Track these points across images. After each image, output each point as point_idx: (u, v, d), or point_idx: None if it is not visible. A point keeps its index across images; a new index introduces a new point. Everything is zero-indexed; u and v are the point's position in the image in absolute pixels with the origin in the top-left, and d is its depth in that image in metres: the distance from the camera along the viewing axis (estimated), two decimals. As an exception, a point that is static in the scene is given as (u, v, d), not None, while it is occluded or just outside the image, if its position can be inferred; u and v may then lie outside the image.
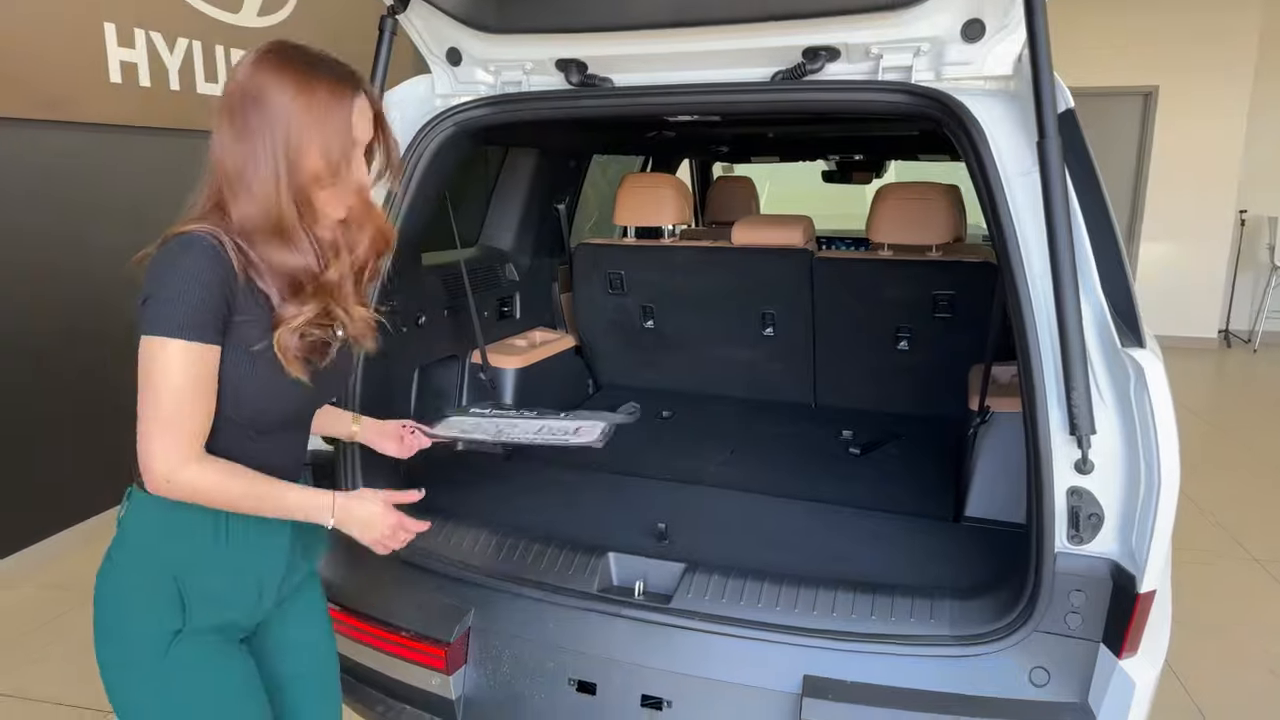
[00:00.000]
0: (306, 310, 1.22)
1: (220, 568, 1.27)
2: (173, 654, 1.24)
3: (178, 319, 1.13)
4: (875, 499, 2.20)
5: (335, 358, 1.33)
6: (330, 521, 1.29)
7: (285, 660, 1.45)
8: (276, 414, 1.28)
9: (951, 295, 2.74)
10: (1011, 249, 1.51)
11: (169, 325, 1.13)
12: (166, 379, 1.13)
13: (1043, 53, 1.41)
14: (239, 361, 1.20)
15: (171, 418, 1.14)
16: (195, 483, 1.17)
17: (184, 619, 1.24)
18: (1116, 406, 1.41)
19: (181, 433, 1.15)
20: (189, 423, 1.16)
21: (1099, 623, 1.47)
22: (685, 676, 1.64)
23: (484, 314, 2.74)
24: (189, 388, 1.15)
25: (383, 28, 1.90)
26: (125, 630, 1.25)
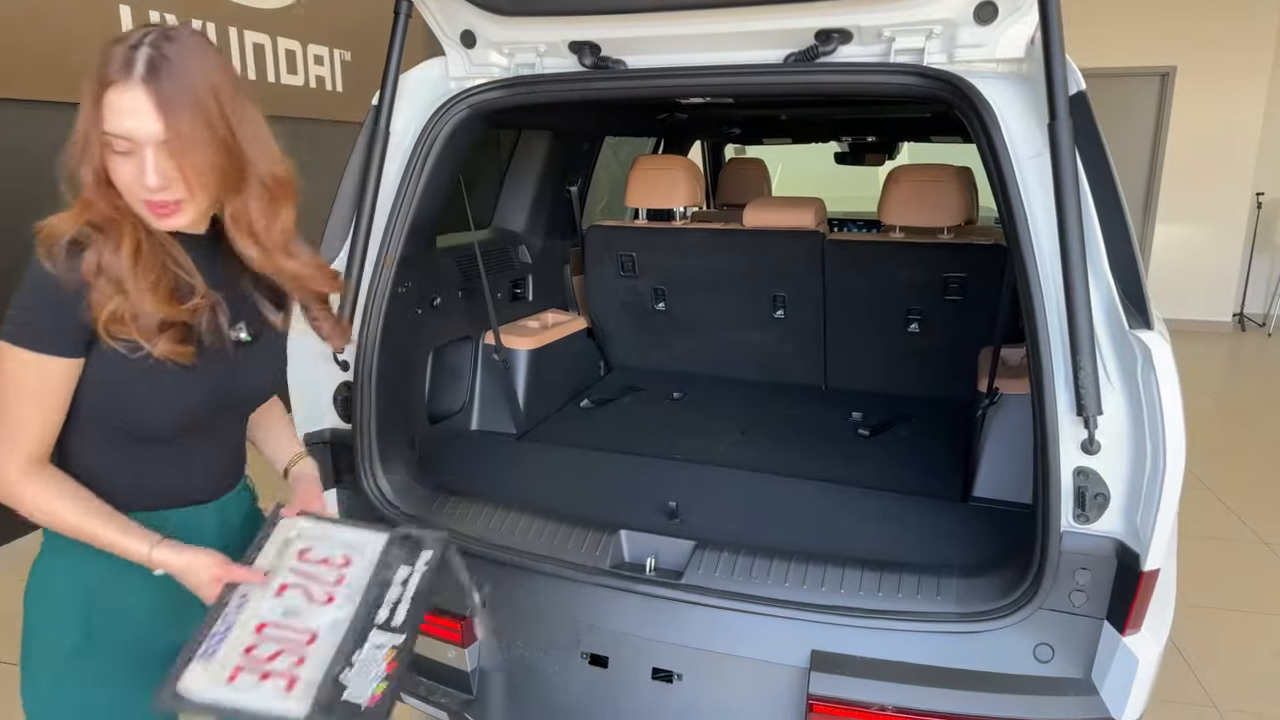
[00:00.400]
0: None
1: (148, 583, 1.19)
2: (73, 670, 1.20)
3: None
4: (884, 479, 2.23)
5: (229, 368, 1.23)
6: (150, 561, 1.16)
7: None
8: (168, 419, 1.19)
9: (962, 278, 2.74)
10: (1021, 231, 1.53)
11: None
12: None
13: (1055, 35, 1.41)
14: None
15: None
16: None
17: (85, 634, 1.20)
18: (1124, 388, 1.43)
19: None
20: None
21: (1103, 600, 1.49)
22: (695, 650, 1.67)
23: (497, 295, 2.77)
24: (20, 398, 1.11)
25: (398, 10, 1.91)
26: (35, 633, 1.23)
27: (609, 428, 2.69)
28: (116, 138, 1.06)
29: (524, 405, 2.69)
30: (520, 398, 2.69)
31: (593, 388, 3.12)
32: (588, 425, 2.74)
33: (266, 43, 4.55)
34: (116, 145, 1.07)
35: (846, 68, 1.76)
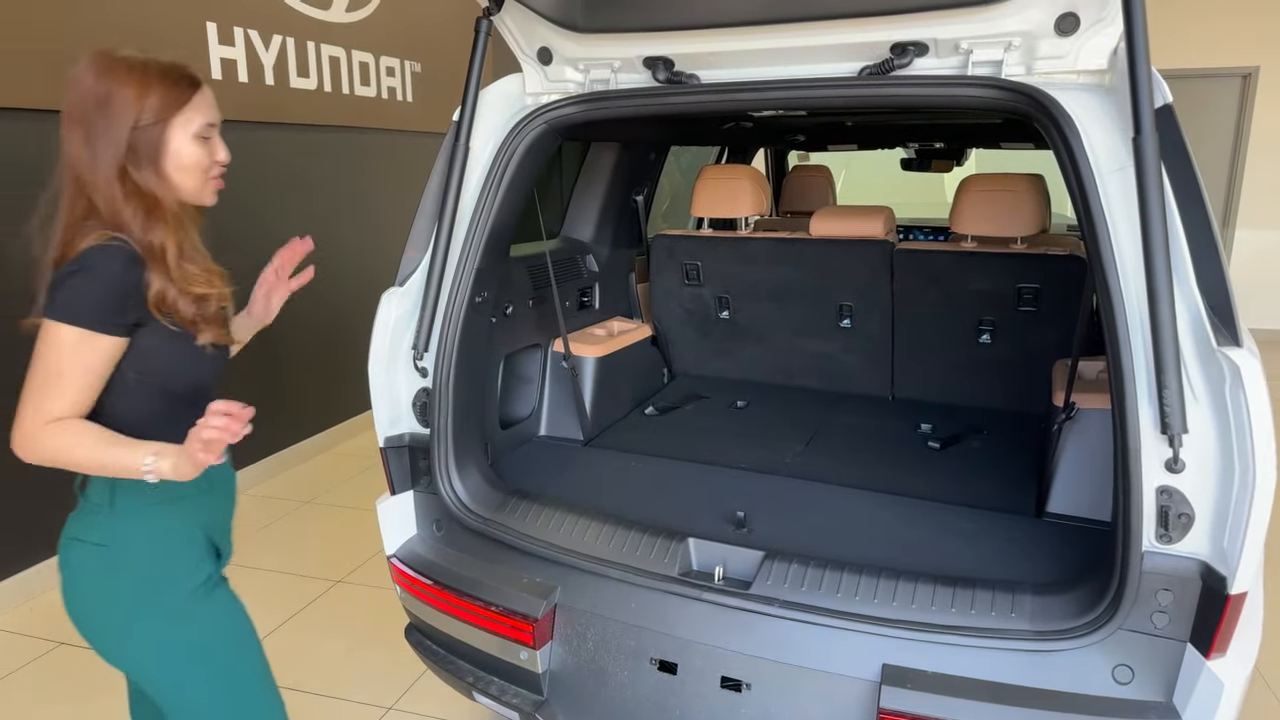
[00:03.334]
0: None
1: (212, 507, 1.50)
2: (209, 594, 1.47)
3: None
4: (955, 493, 2.20)
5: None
6: (146, 461, 1.29)
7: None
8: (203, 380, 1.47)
9: (1036, 288, 2.70)
10: (1104, 245, 1.50)
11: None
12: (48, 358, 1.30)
13: (1140, 46, 1.39)
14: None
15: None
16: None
17: (217, 563, 1.50)
18: (1211, 405, 1.40)
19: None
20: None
21: (1186, 623, 1.46)
22: (765, 661, 1.68)
23: (566, 304, 2.82)
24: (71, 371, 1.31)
25: (478, 28, 1.97)
26: (150, 580, 1.41)
27: (674, 435, 2.72)
28: (209, 126, 1.40)
29: (591, 412, 2.73)
30: (588, 404, 2.73)
31: (657, 395, 3.15)
32: (652, 433, 2.77)
33: (342, 55, 4.70)
34: (205, 133, 1.40)
35: (922, 81, 1.76)
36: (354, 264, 4.70)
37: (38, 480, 3.22)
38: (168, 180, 1.38)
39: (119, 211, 1.33)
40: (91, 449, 1.30)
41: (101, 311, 1.29)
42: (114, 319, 1.30)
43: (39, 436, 1.28)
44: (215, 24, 3.91)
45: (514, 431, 2.59)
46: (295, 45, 4.38)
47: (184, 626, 1.44)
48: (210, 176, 1.43)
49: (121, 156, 1.33)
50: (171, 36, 3.71)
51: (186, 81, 1.38)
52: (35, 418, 1.28)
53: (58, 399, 1.28)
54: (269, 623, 3.08)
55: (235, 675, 1.50)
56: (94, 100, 1.32)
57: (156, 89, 1.34)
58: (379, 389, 2.06)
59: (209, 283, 1.41)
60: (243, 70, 4.07)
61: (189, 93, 1.38)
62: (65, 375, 1.28)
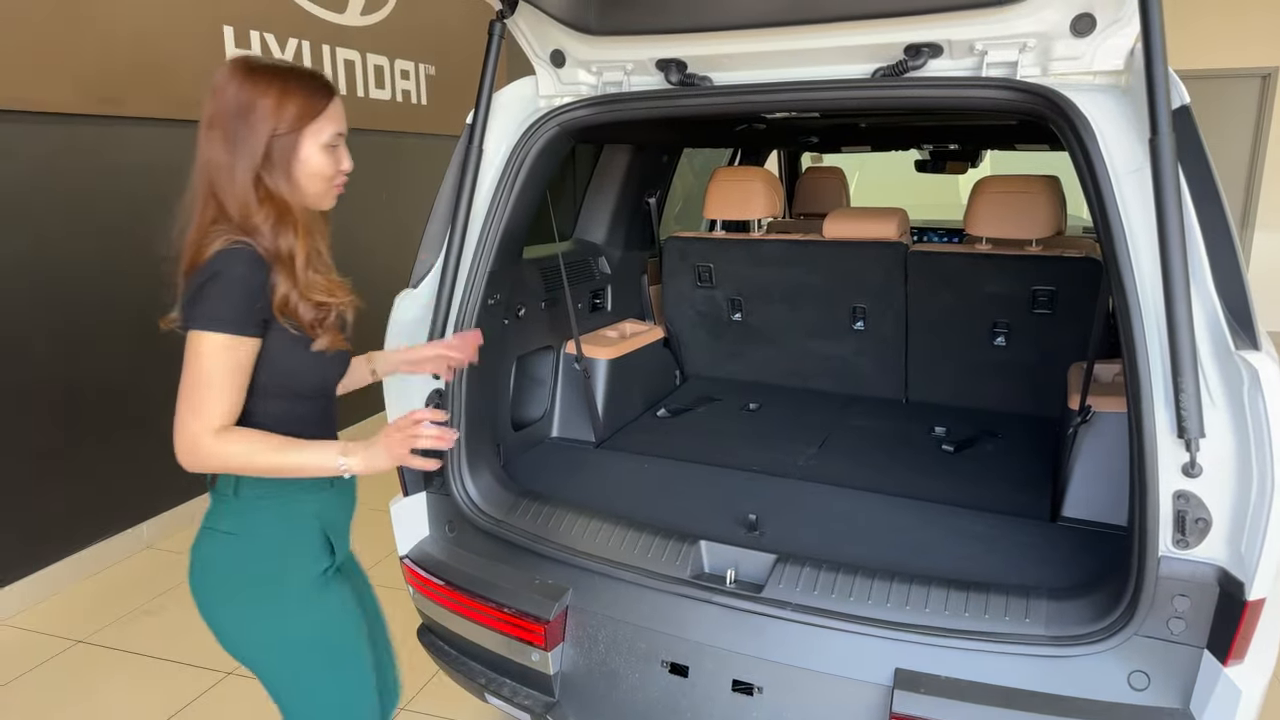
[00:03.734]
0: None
1: (335, 505, 1.52)
2: (326, 588, 1.51)
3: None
4: (969, 496, 2.19)
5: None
6: (340, 461, 1.40)
7: (354, 593, 1.65)
8: (328, 380, 1.51)
9: (1052, 291, 2.68)
10: (1119, 247, 1.49)
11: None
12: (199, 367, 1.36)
13: (1157, 47, 1.38)
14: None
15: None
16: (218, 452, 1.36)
17: (333, 557, 1.51)
18: (1228, 409, 1.38)
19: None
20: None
21: (1204, 629, 1.45)
22: (776, 664, 1.68)
23: (578, 306, 2.82)
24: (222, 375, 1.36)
25: (491, 31, 1.97)
26: (275, 571, 1.46)
27: (686, 438, 2.72)
28: (337, 135, 1.45)
29: (603, 414, 2.73)
30: (600, 406, 2.73)
31: (669, 397, 3.15)
32: (665, 435, 2.77)
33: (357, 59, 4.73)
34: (334, 141, 1.45)
35: (936, 82, 1.75)
36: (368, 266, 4.71)
37: (45, 484, 3.28)
38: (298, 187, 1.42)
39: (251, 216, 1.37)
40: (274, 455, 1.37)
41: (239, 314, 1.33)
42: (249, 320, 1.34)
43: (209, 446, 1.33)
44: (232, 27, 3.94)
45: (526, 433, 2.60)
46: (310, 48, 4.41)
47: (298, 618, 1.48)
48: (334, 184, 1.48)
49: (258, 163, 1.37)
50: (189, 39, 3.74)
51: (322, 92, 1.42)
52: (200, 427, 1.32)
53: (216, 405, 1.33)
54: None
55: (341, 671, 1.54)
56: (236, 108, 1.36)
57: (295, 98, 1.38)
58: (392, 390, 2.07)
59: (330, 292, 1.44)
60: (259, 73, 4.10)
61: (323, 103, 1.41)
62: (216, 381, 1.33)
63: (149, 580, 3.45)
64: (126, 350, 3.58)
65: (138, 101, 3.54)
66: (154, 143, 3.66)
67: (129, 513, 3.67)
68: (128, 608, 3.24)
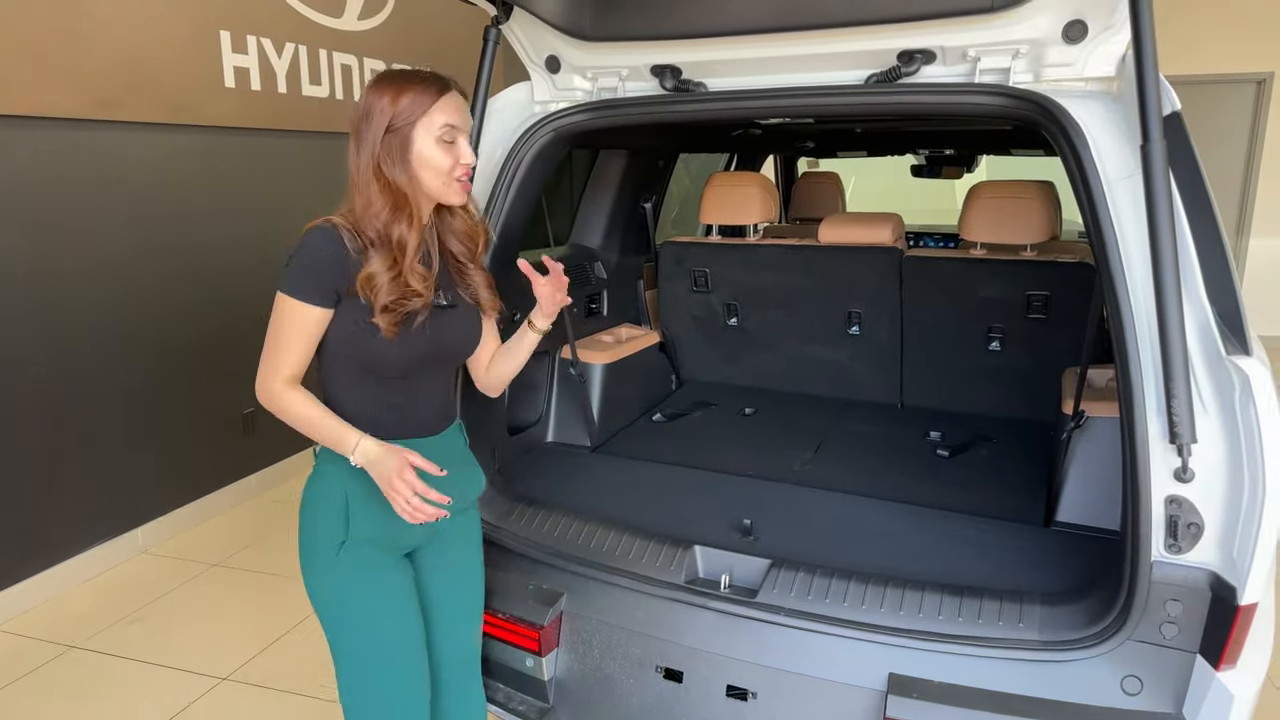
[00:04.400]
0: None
1: (379, 492, 1.52)
2: (341, 559, 1.55)
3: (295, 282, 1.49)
4: (963, 501, 2.19)
5: (439, 324, 1.57)
6: (353, 456, 1.49)
7: (435, 582, 1.72)
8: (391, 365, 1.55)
9: (1046, 296, 2.69)
10: (1112, 254, 1.50)
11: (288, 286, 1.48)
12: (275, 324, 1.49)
13: (1148, 54, 1.39)
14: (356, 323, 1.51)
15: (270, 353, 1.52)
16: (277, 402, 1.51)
17: (347, 531, 1.55)
18: (1219, 415, 1.39)
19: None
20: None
21: (1196, 633, 1.45)
22: (771, 669, 1.68)
23: (574, 310, 2.82)
24: (289, 334, 1.49)
25: (486, 37, 1.98)
26: (312, 535, 1.58)
27: (681, 442, 2.72)
28: (452, 127, 1.50)
29: (598, 418, 2.73)
30: (595, 411, 2.73)
31: (665, 402, 3.15)
32: (660, 439, 2.77)
33: (354, 63, 4.74)
34: (447, 135, 1.49)
35: (929, 88, 1.76)
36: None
37: (39, 488, 3.28)
38: (415, 179, 1.51)
39: (371, 204, 1.48)
40: (313, 415, 1.50)
41: (307, 285, 1.46)
42: (318, 291, 1.46)
43: (277, 391, 1.49)
44: (229, 32, 3.95)
45: (521, 438, 2.60)
46: (308, 53, 4.41)
47: (323, 582, 1.58)
48: (453, 177, 1.52)
49: (378, 155, 1.48)
50: (185, 44, 3.74)
51: (435, 87, 1.49)
52: (270, 373, 1.50)
53: (284, 358, 1.49)
54: (278, 626, 3.09)
55: (355, 643, 1.59)
56: (362, 113, 1.50)
57: (408, 93, 1.47)
58: None
59: (425, 282, 1.51)
60: (256, 78, 4.11)
61: (434, 97, 1.49)
62: (283, 338, 1.49)
63: (144, 585, 3.44)
64: (122, 354, 3.58)
65: (135, 106, 3.55)
66: (151, 146, 3.66)
67: (124, 517, 3.67)
68: (122, 613, 3.23)
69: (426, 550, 1.71)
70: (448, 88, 1.51)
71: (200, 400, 3.98)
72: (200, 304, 3.91)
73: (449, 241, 1.63)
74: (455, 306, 1.62)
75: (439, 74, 1.52)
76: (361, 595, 1.58)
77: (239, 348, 4.11)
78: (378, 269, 1.46)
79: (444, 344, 1.62)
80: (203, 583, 3.48)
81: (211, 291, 3.96)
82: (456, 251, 1.64)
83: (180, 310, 3.83)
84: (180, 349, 3.85)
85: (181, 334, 3.84)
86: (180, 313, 3.83)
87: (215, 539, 3.87)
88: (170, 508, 3.89)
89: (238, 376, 4.15)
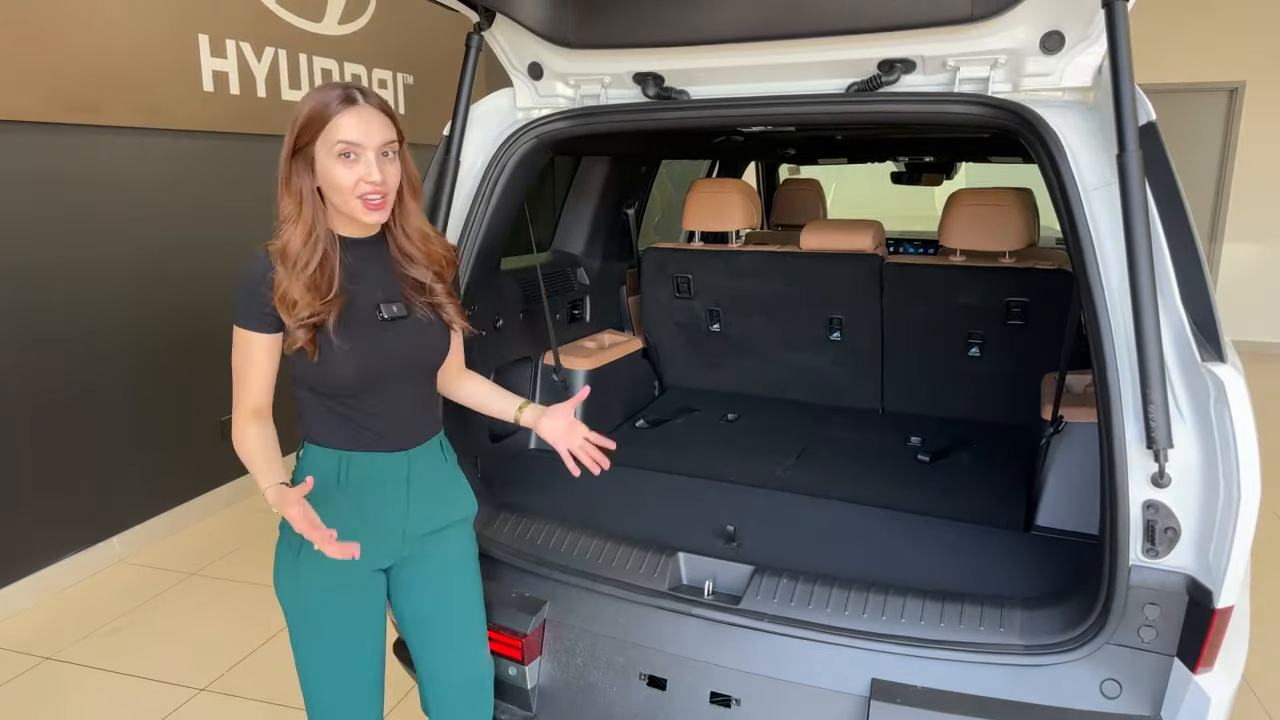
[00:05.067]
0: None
1: (340, 505, 1.53)
2: (300, 567, 1.54)
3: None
4: (944, 506, 2.21)
5: (389, 337, 1.53)
6: (266, 492, 1.44)
7: (422, 601, 1.70)
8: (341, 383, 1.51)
9: (1025, 302, 2.71)
10: (1089, 261, 1.52)
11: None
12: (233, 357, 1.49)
13: (1124, 65, 1.41)
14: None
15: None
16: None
17: (303, 539, 1.46)
18: (1195, 421, 1.41)
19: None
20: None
21: (1174, 637, 1.47)
22: (754, 676, 1.68)
23: (556, 317, 2.82)
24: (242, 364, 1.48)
25: (469, 44, 1.98)
26: (281, 537, 1.58)
27: (664, 448, 2.72)
28: (349, 144, 1.41)
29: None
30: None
31: (647, 408, 3.15)
32: (643, 446, 2.77)
33: (334, 68, 4.71)
34: (345, 151, 1.41)
35: (909, 97, 1.78)
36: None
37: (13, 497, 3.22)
38: (326, 195, 1.46)
39: (285, 218, 1.47)
40: (248, 455, 1.47)
41: (246, 312, 1.45)
42: (255, 317, 1.45)
43: (237, 426, 1.48)
44: (208, 36, 3.91)
45: (504, 445, 2.59)
46: (288, 57, 4.38)
47: (283, 584, 1.59)
48: (355, 195, 1.43)
49: (286, 171, 1.46)
50: (163, 48, 3.71)
51: (337, 102, 1.41)
52: (237, 411, 1.48)
53: (241, 390, 1.48)
54: (256, 636, 3.06)
55: (305, 647, 1.61)
56: (289, 126, 1.46)
57: (311, 109, 1.42)
58: None
59: (315, 300, 1.44)
60: (235, 82, 4.07)
61: (333, 113, 1.41)
62: (237, 370, 1.48)
63: (120, 595, 3.39)
64: (98, 360, 3.53)
65: (111, 110, 3.51)
66: (127, 151, 3.62)
67: (100, 525, 3.62)
68: (99, 623, 3.19)
69: (410, 568, 1.68)
70: (351, 102, 1.42)
71: (177, 407, 3.93)
72: (175, 310, 3.87)
73: (404, 265, 1.58)
74: (407, 317, 1.57)
75: (350, 87, 1.44)
76: (317, 603, 1.57)
77: (215, 354, 4.07)
78: (285, 285, 1.42)
79: (400, 356, 1.57)
80: (180, 592, 3.44)
81: (187, 297, 3.92)
82: (416, 275, 1.58)
83: (155, 316, 3.78)
84: (156, 355, 3.80)
85: (157, 340, 3.80)
86: (155, 319, 3.78)
87: (193, 548, 3.83)
88: (147, 516, 3.84)
89: (215, 383, 4.11)
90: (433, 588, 1.71)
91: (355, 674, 1.63)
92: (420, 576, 1.69)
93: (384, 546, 1.61)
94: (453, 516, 1.72)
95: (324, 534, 1.33)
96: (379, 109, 1.45)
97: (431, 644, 1.73)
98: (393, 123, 1.46)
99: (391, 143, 1.45)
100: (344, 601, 1.59)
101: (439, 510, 1.69)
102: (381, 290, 1.55)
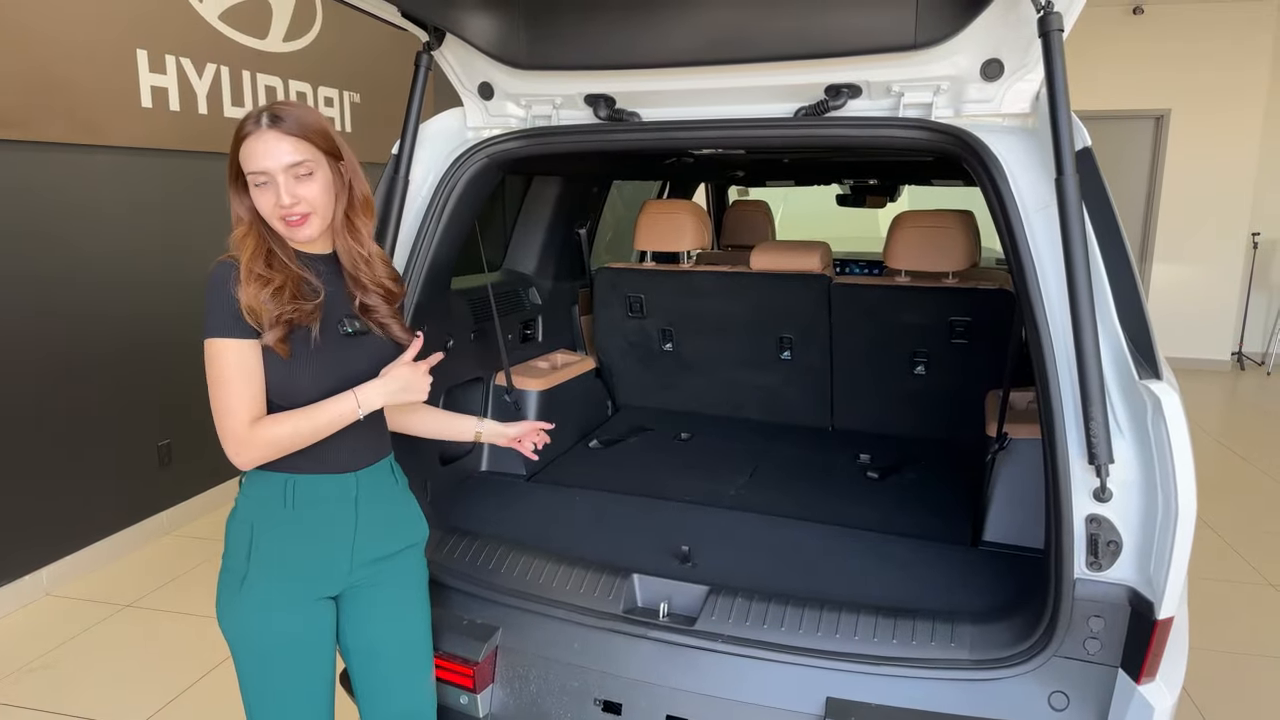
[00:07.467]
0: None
1: (287, 530, 1.51)
2: (243, 596, 1.51)
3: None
4: (894, 523, 2.23)
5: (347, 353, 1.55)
6: (358, 407, 1.50)
7: (373, 629, 1.66)
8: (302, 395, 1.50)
9: (968, 321, 2.78)
10: (1030, 282, 1.56)
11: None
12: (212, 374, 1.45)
13: (1060, 92, 1.46)
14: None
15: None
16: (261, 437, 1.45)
17: (248, 565, 1.50)
18: (1134, 437, 1.45)
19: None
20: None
21: (1117, 648, 1.50)
22: (710, 698, 1.67)
23: (508, 337, 2.79)
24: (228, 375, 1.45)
25: (419, 63, 1.96)
26: (223, 565, 1.54)
27: (618, 469, 2.71)
28: (255, 174, 1.43)
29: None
30: None
31: (601, 428, 3.13)
32: (596, 466, 2.75)
33: (278, 85, 4.63)
34: (255, 180, 1.44)
35: (855, 122, 1.81)
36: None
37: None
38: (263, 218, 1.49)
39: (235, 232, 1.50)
40: (309, 422, 1.47)
41: (223, 320, 1.42)
42: (232, 324, 1.43)
43: (250, 438, 1.43)
44: (146, 51, 3.82)
45: (454, 468, 2.55)
46: (230, 74, 4.30)
47: (225, 614, 1.54)
48: (278, 218, 1.46)
49: (231, 191, 1.51)
50: (98, 63, 3.61)
51: (244, 130, 1.44)
52: (235, 424, 1.43)
53: (235, 401, 1.43)
54: (194, 670, 2.95)
55: (249, 678, 1.56)
56: None
57: (233, 138, 1.46)
58: None
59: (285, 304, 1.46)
60: (175, 99, 3.98)
61: (240, 142, 1.45)
62: (224, 383, 1.43)
63: (47, 630, 3.24)
64: (32, 384, 3.39)
65: (42, 125, 3.39)
66: (59, 167, 3.50)
67: (26, 556, 3.46)
68: (24, 660, 3.03)
69: (359, 595, 1.64)
70: (250, 132, 1.43)
71: (112, 431, 3.79)
72: (113, 330, 3.74)
73: (350, 284, 1.59)
74: (369, 334, 1.59)
75: (259, 113, 1.44)
76: (262, 633, 1.52)
77: (152, 375, 3.94)
78: (249, 297, 1.44)
79: (360, 372, 1.57)
80: (113, 625, 3.30)
81: (124, 317, 3.79)
82: (360, 295, 1.59)
83: (89, 337, 3.65)
84: (89, 378, 3.67)
85: (90, 361, 3.66)
86: (89, 340, 3.65)
87: (127, 579, 3.68)
88: (78, 546, 3.68)
89: (152, 406, 3.98)
90: (382, 616, 1.66)
91: (304, 707, 1.58)
92: (369, 604, 1.65)
93: (332, 571, 1.57)
94: (403, 541, 1.69)
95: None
96: (286, 132, 1.42)
97: (375, 673, 1.69)
98: (308, 142, 1.45)
99: (302, 163, 1.44)
100: (291, 631, 1.54)
101: (389, 534, 1.65)
102: (343, 305, 1.57)
